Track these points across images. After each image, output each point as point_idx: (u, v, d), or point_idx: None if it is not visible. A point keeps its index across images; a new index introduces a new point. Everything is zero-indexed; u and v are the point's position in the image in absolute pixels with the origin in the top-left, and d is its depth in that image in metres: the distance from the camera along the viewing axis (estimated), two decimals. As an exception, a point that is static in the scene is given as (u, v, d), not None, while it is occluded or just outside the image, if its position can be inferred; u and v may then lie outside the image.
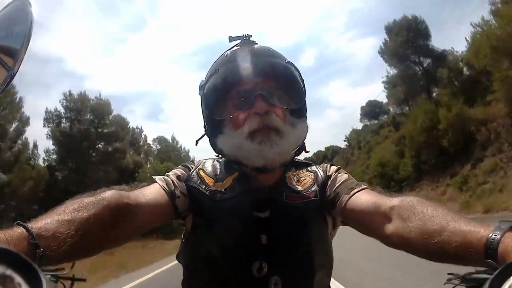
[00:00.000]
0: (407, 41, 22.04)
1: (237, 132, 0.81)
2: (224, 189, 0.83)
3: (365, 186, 0.81)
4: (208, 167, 0.89)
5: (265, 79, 0.82)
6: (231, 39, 0.91)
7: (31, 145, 21.46)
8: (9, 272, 0.30)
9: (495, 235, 0.52)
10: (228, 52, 0.89)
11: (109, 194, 0.68)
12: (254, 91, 0.80)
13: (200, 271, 0.81)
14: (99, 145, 25.21)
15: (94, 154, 24.82)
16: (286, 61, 0.88)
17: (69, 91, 24.96)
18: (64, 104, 24.61)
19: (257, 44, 0.90)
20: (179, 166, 0.91)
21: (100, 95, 25.81)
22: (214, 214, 0.80)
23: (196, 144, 0.94)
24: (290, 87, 0.86)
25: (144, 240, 14.87)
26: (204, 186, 0.84)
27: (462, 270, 0.55)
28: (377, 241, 0.75)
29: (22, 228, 0.53)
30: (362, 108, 41.27)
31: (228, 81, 0.83)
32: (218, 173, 0.87)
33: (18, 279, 0.30)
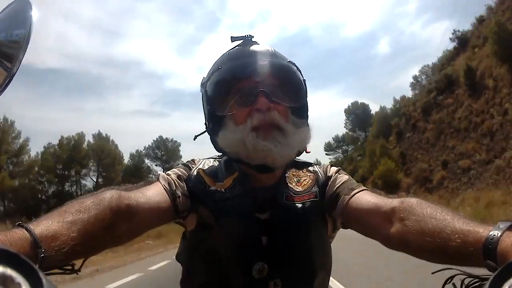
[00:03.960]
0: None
1: (240, 127, 0.80)
2: (224, 189, 0.82)
3: (365, 188, 0.82)
4: (208, 166, 0.89)
5: (267, 77, 0.82)
6: (233, 39, 0.92)
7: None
8: (9, 272, 0.29)
9: (494, 235, 0.52)
10: (230, 51, 0.90)
11: (110, 195, 0.67)
12: (256, 88, 0.80)
13: (200, 271, 0.81)
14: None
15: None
16: (288, 60, 0.88)
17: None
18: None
19: (258, 44, 0.90)
20: (180, 165, 0.90)
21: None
22: (214, 214, 0.79)
23: (194, 139, 0.94)
24: (292, 86, 0.86)
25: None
26: (204, 186, 0.83)
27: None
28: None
29: (23, 230, 0.53)
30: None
31: (230, 78, 0.83)
32: (218, 173, 0.87)
33: (18, 279, 0.29)
